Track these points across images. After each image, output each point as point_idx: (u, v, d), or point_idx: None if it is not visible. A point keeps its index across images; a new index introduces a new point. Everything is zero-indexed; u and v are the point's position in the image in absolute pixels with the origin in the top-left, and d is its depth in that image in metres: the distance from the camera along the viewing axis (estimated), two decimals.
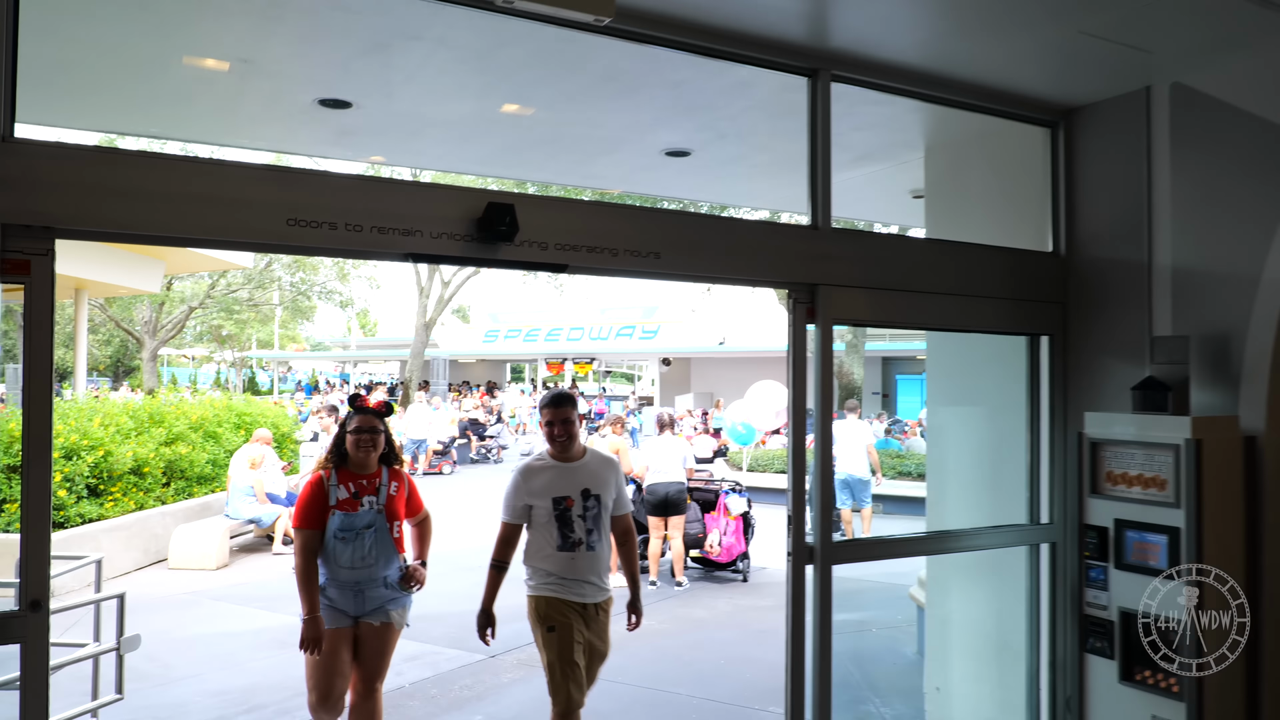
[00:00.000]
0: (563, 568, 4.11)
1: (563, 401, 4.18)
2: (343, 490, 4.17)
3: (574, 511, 4.10)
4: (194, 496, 11.08)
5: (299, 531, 4.15)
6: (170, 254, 14.77)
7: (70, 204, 2.62)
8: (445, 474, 20.33)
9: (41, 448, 2.60)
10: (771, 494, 14.79)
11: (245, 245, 2.98)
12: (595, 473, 4.20)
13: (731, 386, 36.83)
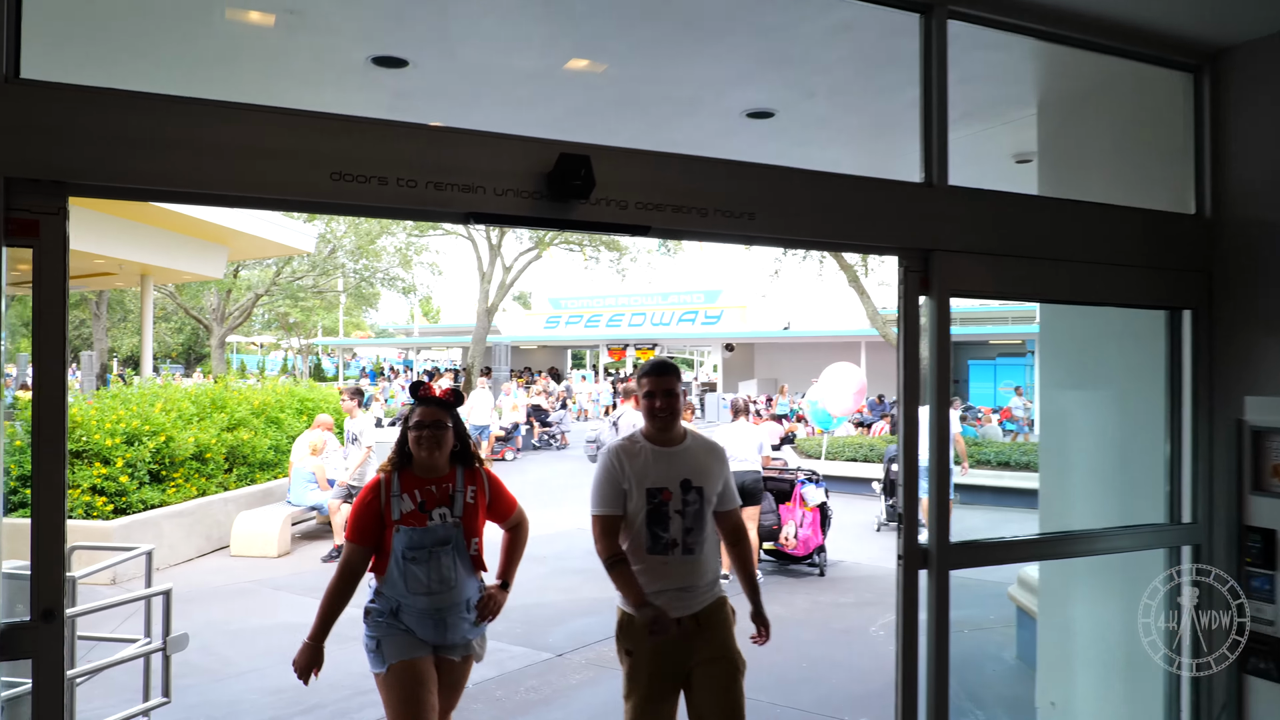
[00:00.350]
0: (653, 576, 3.36)
1: (666, 369, 3.46)
2: (407, 500, 3.38)
3: (670, 506, 3.37)
4: (256, 483, 10.94)
5: (346, 544, 3.49)
6: (233, 239, 14.71)
7: (85, 155, 2.28)
8: (508, 460, 20.12)
9: (53, 441, 2.27)
10: (844, 483, 14.27)
11: (284, 203, 2.62)
12: (698, 461, 3.48)
13: (796, 372, 36.18)
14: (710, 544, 3.49)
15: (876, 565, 9.60)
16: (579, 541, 10.68)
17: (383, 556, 3.42)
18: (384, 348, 54.95)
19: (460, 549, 3.45)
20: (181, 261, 14.32)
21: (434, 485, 3.46)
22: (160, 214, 12.36)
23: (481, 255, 27.24)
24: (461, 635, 3.51)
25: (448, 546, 3.41)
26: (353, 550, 3.45)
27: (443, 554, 3.40)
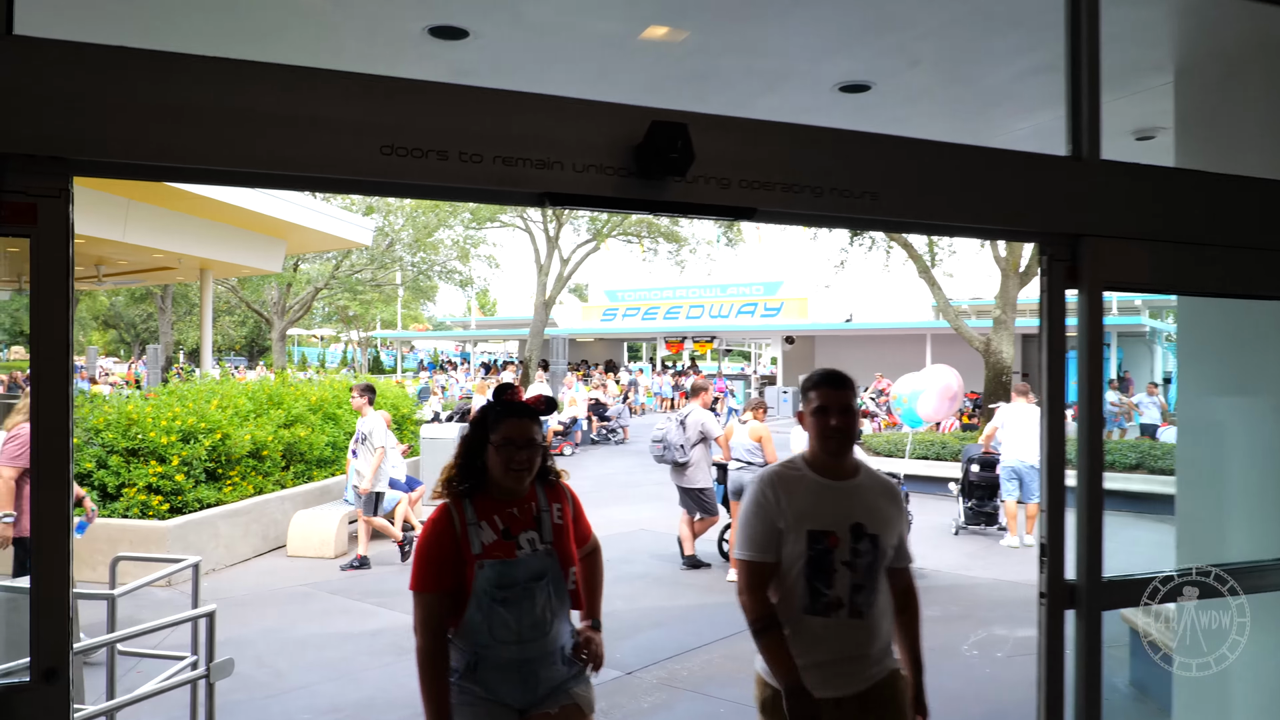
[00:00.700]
0: (809, 643, 2.71)
1: (843, 381, 2.79)
2: (487, 529, 2.71)
3: (837, 556, 2.69)
4: (313, 480, 10.73)
5: (419, 596, 2.71)
6: (291, 233, 14.57)
7: (91, 126, 1.91)
8: (567, 455, 19.82)
9: (56, 471, 1.91)
10: (915, 481, 13.66)
11: (323, 183, 2.22)
12: (873, 502, 2.79)
13: (858, 365, 35.35)
14: (883, 605, 2.81)
15: (959, 573, 9.05)
16: (643, 543, 10.27)
17: (459, 600, 2.72)
18: (441, 340, 55.20)
19: (557, 582, 2.77)
20: (240, 255, 14.21)
21: (515, 507, 2.79)
22: (218, 208, 12.22)
23: (539, 247, 27.00)
24: (555, 684, 2.80)
25: (542, 581, 2.74)
26: (431, 602, 2.69)
27: (537, 591, 2.72)
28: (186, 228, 12.63)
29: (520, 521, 2.78)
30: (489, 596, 2.67)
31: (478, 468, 2.78)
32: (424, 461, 12.74)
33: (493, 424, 2.75)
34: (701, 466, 8.84)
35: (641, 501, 13.63)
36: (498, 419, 2.75)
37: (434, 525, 2.75)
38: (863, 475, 2.84)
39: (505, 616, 2.68)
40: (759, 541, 2.74)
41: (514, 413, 2.76)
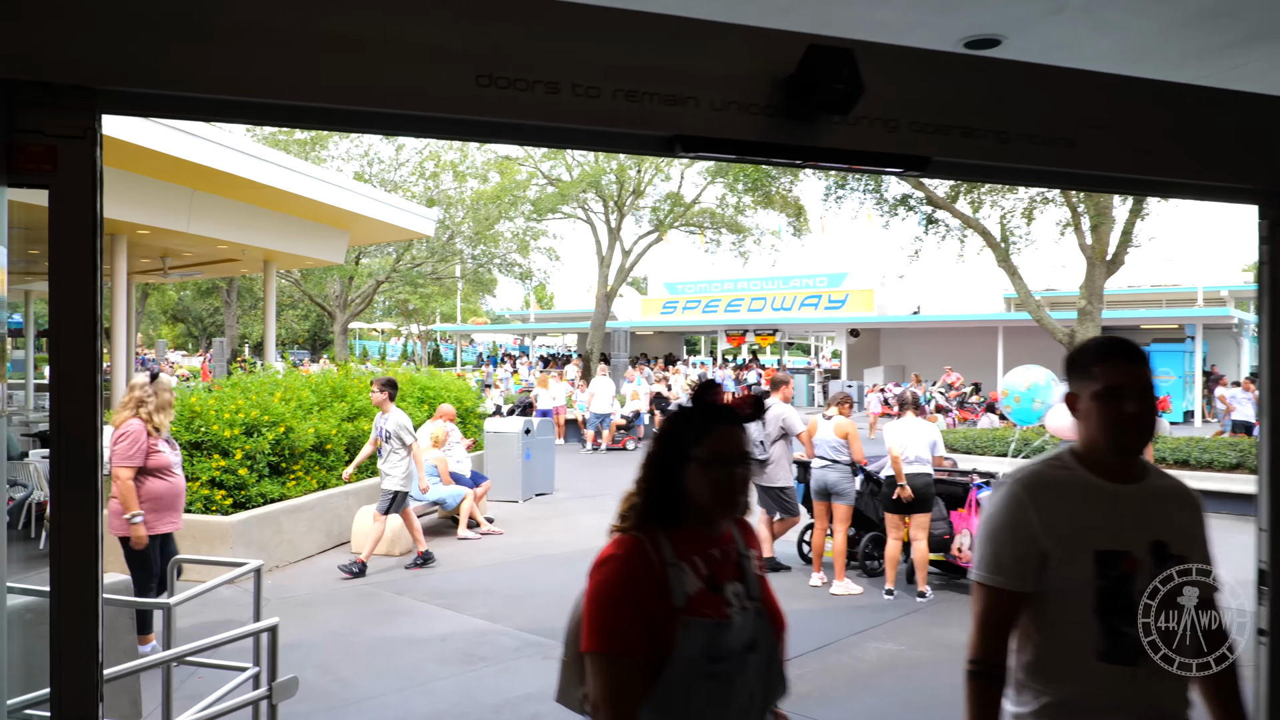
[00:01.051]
0: (1105, 698, 2.04)
1: (1137, 354, 2.09)
2: (689, 575, 1.99)
3: (1138, 584, 2.04)
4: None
5: (603, 660, 1.95)
6: (354, 223, 14.37)
7: (123, 52, 1.53)
8: (629, 450, 19.47)
9: (82, 480, 1.54)
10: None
11: (404, 122, 1.79)
12: (1172, 513, 2.14)
13: (924, 359, 34.52)
14: (1193, 649, 2.09)
15: None
16: None
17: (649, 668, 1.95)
18: (499, 334, 55.28)
19: (771, 657, 2.08)
20: (303, 247, 14.05)
21: (717, 548, 2.07)
22: (282, 198, 12.05)
23: (600, 239, 26.66)
24: None
25: (755, 653, 2.03)
26: (623, 670, 1.92)
27: (750, 664, 2.01)
28: (250, 219, 12.48)
29: (724, 567, 2.07)
30: (694, 669, 1.93)
31: (672, 492, 2.06)
32: (488, 456, 12.45)
33: (697, 433, 2.05)
34: (782, 464, 8.37)
35: None
36: (704, 427, 2.05)
37: (623, 562, 1.98)
38: (1153, 477, 2.16)
39: (712, 697, 1.95)
40: (1008, 564, 2.08)
41: (725, 419, 2.08)
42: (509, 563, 8.86)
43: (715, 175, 21.87)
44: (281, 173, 11.39)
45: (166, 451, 5.91)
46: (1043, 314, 17.17)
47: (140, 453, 5.71)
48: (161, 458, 5.84)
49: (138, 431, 5.74)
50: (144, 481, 5.75)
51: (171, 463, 5.93)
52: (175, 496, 5.92)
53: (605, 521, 6.86)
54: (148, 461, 5.74)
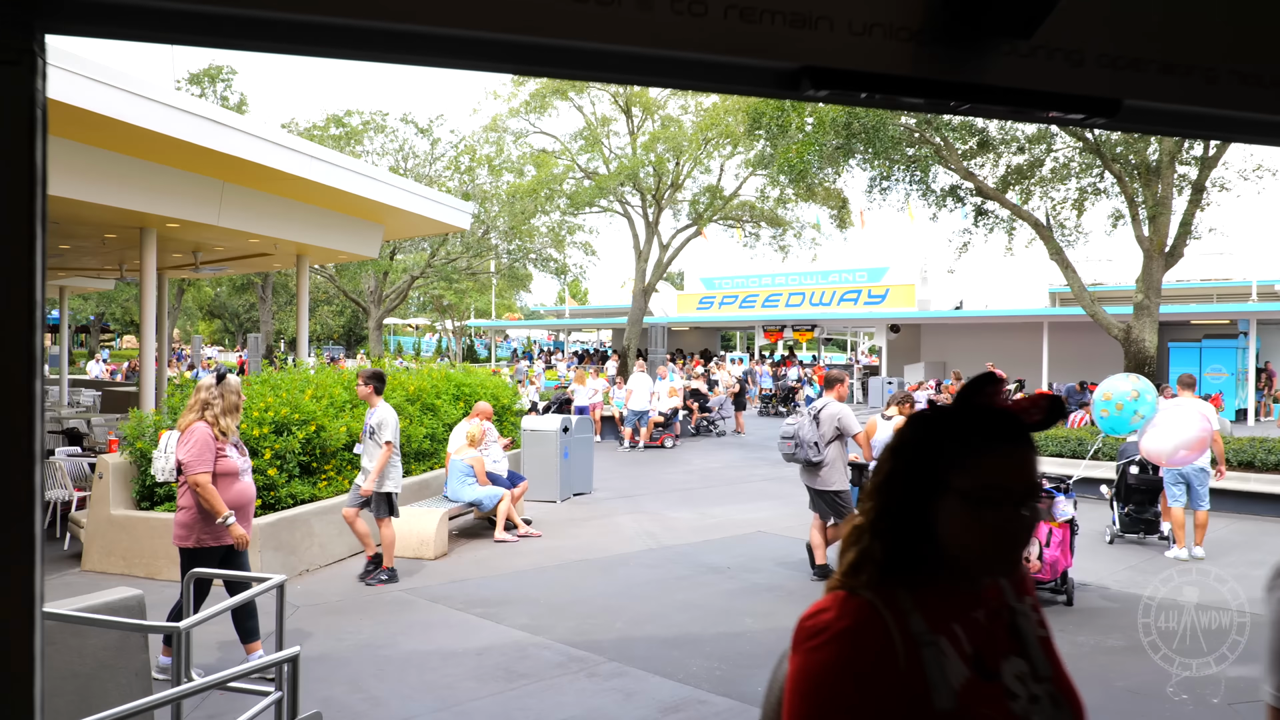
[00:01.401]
0: None
1: None
2: (949, 657, 1.37)
3: None
4: (412, 474, 10.15)
5: None
6: (389, 217, 14.07)
7: None
8: (667, 448, 19.07)
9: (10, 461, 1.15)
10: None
11: (451, 47, 1.36)
12: None
13: (966, 356, 33.79)
14: None
15: (1125, 590, 7.93)
16: (765, 547, 9.40)
17: None
18: (534, 329, 55.11)
19: None
20: (337, 240, 13.78)
21: (980, 608, 1.47)
22: (314, 190, 11.76)
23: (639, 233, 26.23)
24: None
25: None
26: None
27: None
28: (282, 212, 12.21)
29: (995, 637, 1.45)
30: None
31: (920, 533, 1.44)
32: (525, 454, 12.09)
33: (963, 453, 1.42)
34: (837, 466, 7.92)
35: (755, 499, 12.74)
36: (974, 445, 1.42)
37: (853, 640, 1.36)
38: None
39: None
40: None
41: (1008, 437, 1.43)
42: (548, 567, 8.49)
43: (756, 166, 21.30)
44: (314, 164, 11.09)
45: (234, 456, 5.62)
46: (1097, 309, 16.52)
47: (211, 455, 5.41)
48: (228, 462, 5.55)
49: (204, 434, 5.44)
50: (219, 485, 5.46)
51: (239, 468, 5.63)
52: (244, 503, 5.63)
53: (647, 524, 6.63)
54: (215, 466, 5.44)
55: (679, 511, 11.55)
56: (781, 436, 8.03)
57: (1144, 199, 15.90)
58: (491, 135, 25.61)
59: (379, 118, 27.17)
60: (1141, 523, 10.40)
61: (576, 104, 25.32)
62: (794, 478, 8.68)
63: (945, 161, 16.66)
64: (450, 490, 9.57)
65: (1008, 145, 17.16)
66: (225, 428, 5.60)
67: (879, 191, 18.64)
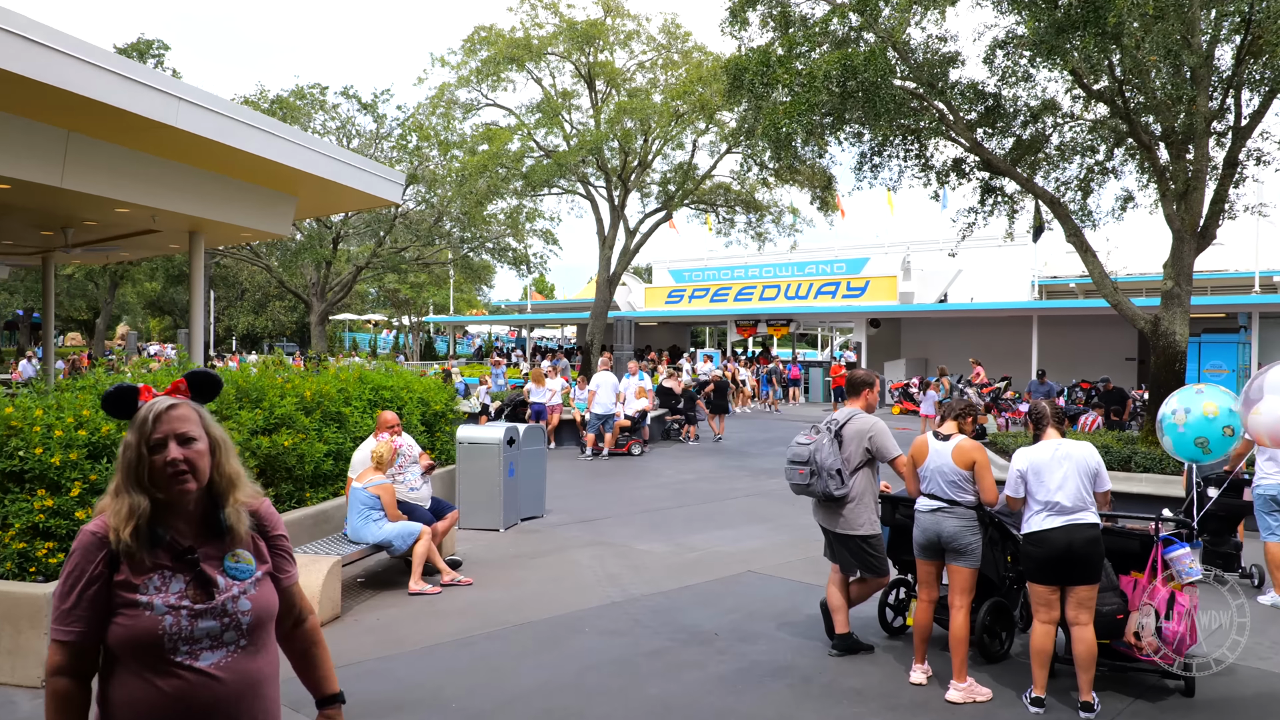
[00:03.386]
0: None
1: None
2: None
3: None
4: (306, 505, 7.91)
5: None
6: (304, 186, 11.75)
7: None
8: (635, 455, 16.91)
9: None
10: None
11: None
12: None
13: (948, 352, 31.89)
14: None
15: (1250, 664, 5.86)
16: (758, 596, 7.27)
17: None
18: (496, 325, 52.69)
19: None
20: (238, 214, 11.47)
21: None
22: (203, 150, 9.49)
23: (603, 217, 23.93)
24: None
25: None
26: None
27: None
28: (159, 175, 9.89)
29: None
30: None
31: None
32: (462, 473, 9.87)
33: None
34: (865, 502, 5.80)
35: (739, 520, 10.62)
36: None
37: None
38: None
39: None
40: None
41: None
42: (475, 638, 6.29)
43: (734, 139, 19.00)
44: (198, 114, 8.78)
45: None
46: (1121, 298, 14.54)
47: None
48: None
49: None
50: None
51: None
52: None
53: (609, 563, 3.76)
54: None
55: (649, 542, 9.39)
56: (790, 461, 5.87)
57: (1173, 173, 13.98)
58: (440, 109, 23.16)
59: (317, 92, 24.64)
60: (1219, 556, 8.47)
61: (535, 75, 22.97)
62: (781, 490, 6.58)
63: (949, 131, 14.63)
64: (351, 528, 7.35)
65: (1018, 114, 15.15)
66: None
67: (869, 169, 16.61)
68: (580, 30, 21.32)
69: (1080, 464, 4.95)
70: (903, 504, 6.08)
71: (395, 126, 24.86)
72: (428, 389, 10.47)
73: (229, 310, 62.89)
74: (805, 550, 8.99)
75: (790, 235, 25.38)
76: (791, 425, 23.24)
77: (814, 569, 8.03)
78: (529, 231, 27.52)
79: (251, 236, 13.05)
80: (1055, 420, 5.28)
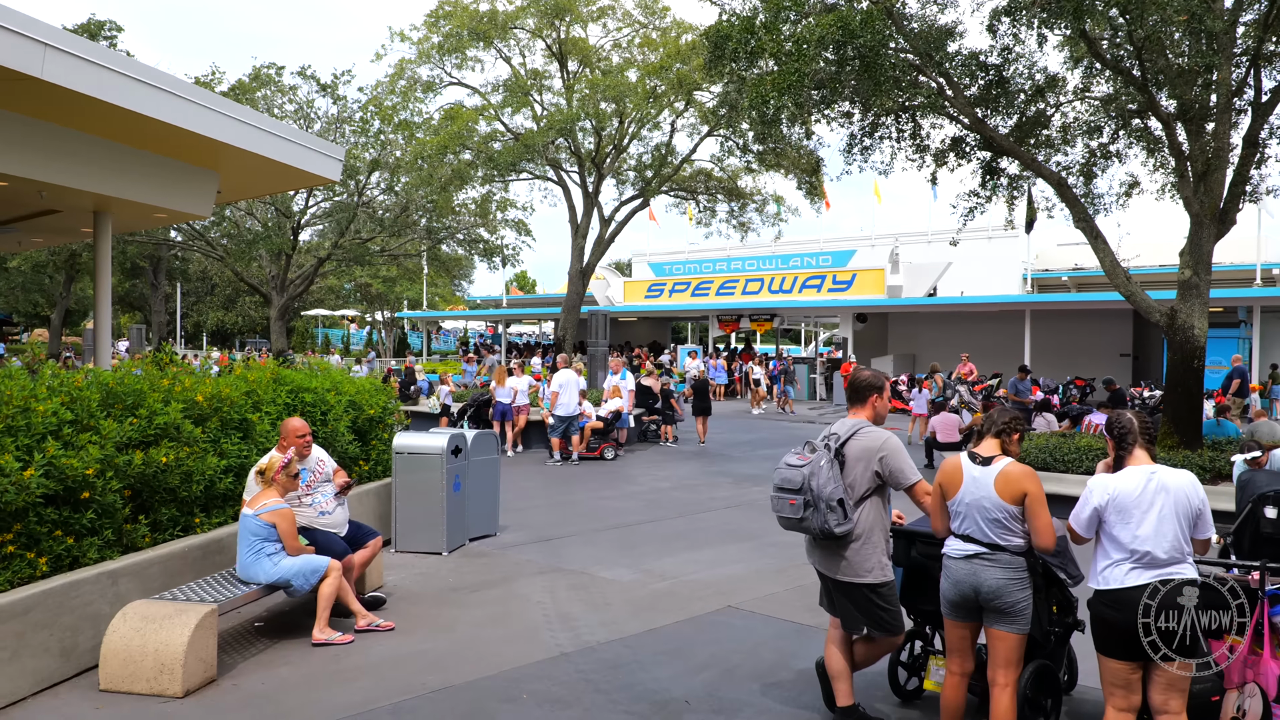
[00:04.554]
0: None
1: None
2: None
3: None
4: (195, 533, 6.57)
5: None
6: (227, 161, 10.36)
7: None
8: (607, 459, 15.61)
9: None
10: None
11: None
12: None
13: (937, 348, 30.71)
14: None
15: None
16: (740, 641, 5.96)
17: None
18: (472, 320, 51.21)
19: None
20: (151, 192, 10.08)
21: None
22: (101, 116, 8.12)
23: (576, 204, 22.54)
24: None
25: None
26: None
27: None
28: (48, 143, 8.52)
29: None
30: None
31: None
32: (398, 487, 8.53)
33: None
34: (874, 541, 4.50)
35: (716, 539, 9.35)
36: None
37: None
38: None
39: None
40: None
41: None
42: (378, 711, 4.96)
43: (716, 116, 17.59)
44: (70, 65, 7.41)
45: None
46: (1134, 289, 13.32)
47: None
48: None
49: None
50: None
51: None
52: None
53: (564, 597, 4.31)
54: None
55: (613, 567, 8.10)
56: (778, 488, 4.57)
57: (1192, 152, 12.78)
58: (400, 85, 21.66)
59: (273, 72, 23.11)
60: None
61: (503, 54, 21.53)
62: (766, 500, 5.29)
63: (949, 107, 13.37)
64: (240, 564, 6.01)
65: (1021, 91, 13.90)
66: None
67: (859, 152, 15.35)
68: (550, 2, 19.88)
69: (1179, 501, 3.68)
70: (921, 538, 4.81)
71: (357, 110, 23.36)
72: (361, 391, 9.12)
73: (198, 305, 61.11)
74: (794, 577, 7.72)
75: (775, 225, 24.02)
76: (792, 428, 21.94)
77: (805, 602, 6.77)
78: (501, 222, 26.14)
79: (167, 218, 11.64)
80: (1145, 438, 3.96)
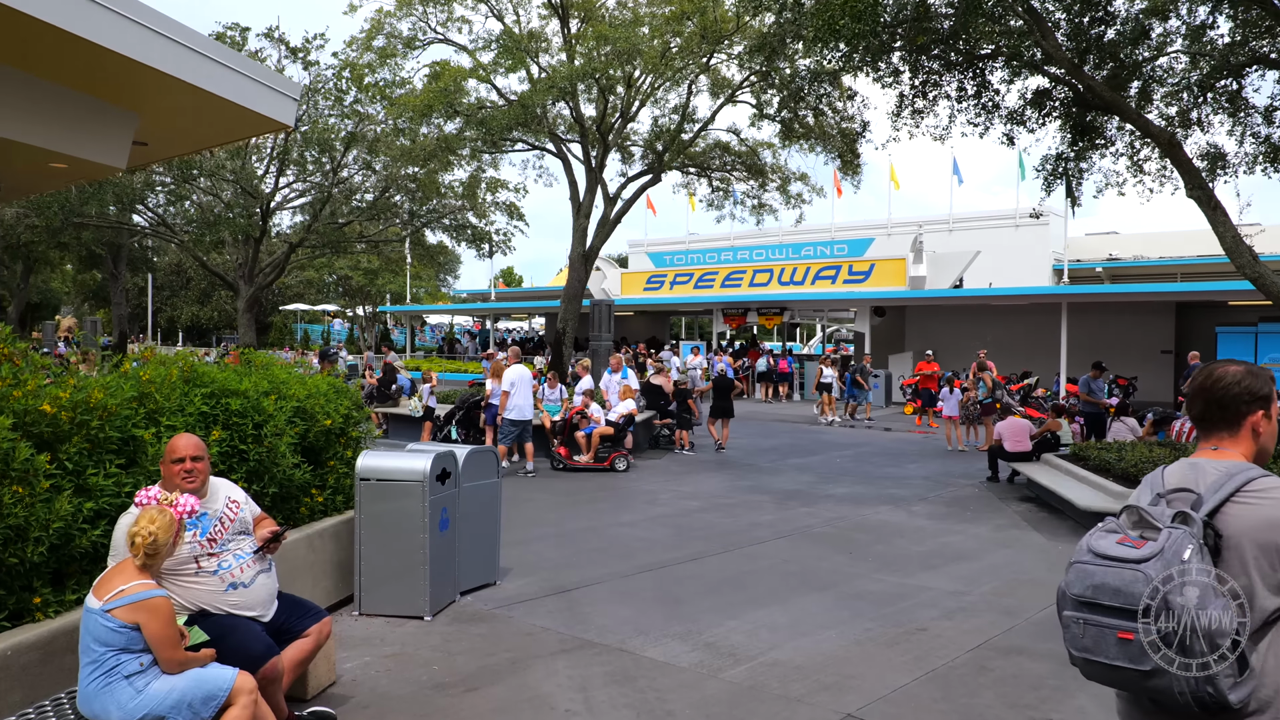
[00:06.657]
0: None
1: None
2: None
3: None
4: (39, 619, 4.21)
5: None
6: (145, 95, 7.95)
7: None
8: (619, 470, 13.30)
9: None
10: None
11: None
12: None
13: (958, 343, 28.57)
14: None
15: None
16: None
17: None
18: (458, 314, 48.79)
19: None
20: (47, 135, 7.68)
21: None
22: None
23: (578, 180, 20.18)
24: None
25: None
26: None
27: None
28: None
29: None
30: None
31: None
32: (363, 525, 6.20)
33: None
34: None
35: (783, 589, 7.04)
36: None
37: None
38: None
39: None
40: None
41: None
42: None
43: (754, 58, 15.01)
44: None
45: None
46: (1262, 270, 11.14)
47: None
48: None
49: None
50: None
51: None
52: None
53: (600, 698, 3.58)
54: None
55: (661, 640, 5.80)
56: (1084, 603, 2.24)
57: None
58: (376, 42, 19.24)
59: (236, 34, 20.64)
60: None
61: (495, 9, 19.07)
62: (820, 527, 3.05)
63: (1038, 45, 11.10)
64: (81, 694, 3.65)
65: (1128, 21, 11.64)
66: None
67: (911, 114, 13.12)
68: None
69: None
70: None
71: (331, 77, 20.92)
72: (314, 394, 6.74)
73: (172, 300, 58.40)
74: (916, 653, 5.48)
75: (797, 208, 21.67)
76: (822, 434, 19.55)
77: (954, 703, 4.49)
78: (490, 205, 23.76)
79: (69, 171, 9.23)
80: None
